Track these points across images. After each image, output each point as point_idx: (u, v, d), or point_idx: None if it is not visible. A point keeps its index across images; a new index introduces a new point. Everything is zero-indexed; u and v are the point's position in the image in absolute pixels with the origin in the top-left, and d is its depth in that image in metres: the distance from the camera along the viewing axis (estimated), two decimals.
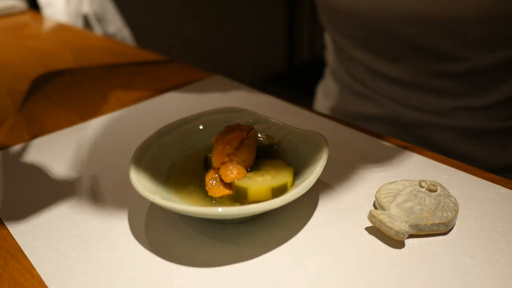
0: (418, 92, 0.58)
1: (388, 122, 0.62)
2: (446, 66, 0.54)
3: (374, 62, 0.59)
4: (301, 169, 0.33)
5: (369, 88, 0.62)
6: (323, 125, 0.45)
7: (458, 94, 0.56)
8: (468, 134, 0.57)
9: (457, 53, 0.53)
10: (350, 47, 0.61)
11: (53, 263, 0.29)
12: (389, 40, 0.56)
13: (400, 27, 0.53)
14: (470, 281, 0.27)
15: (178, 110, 0.50)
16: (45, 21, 0.99)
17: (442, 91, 0.56)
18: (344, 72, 0.66)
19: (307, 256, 0.29)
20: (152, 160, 0.34)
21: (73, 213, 0.34)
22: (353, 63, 0.63)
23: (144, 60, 0.69)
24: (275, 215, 0.32)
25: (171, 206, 0.28)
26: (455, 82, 0.55)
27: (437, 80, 0.56)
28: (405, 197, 0.32)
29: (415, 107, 0.58)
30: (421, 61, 0.55)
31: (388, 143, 0.41)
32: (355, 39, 0.60)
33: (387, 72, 0.58)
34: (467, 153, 0.58)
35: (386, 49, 0.57)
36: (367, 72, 0.61)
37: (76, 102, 0.55)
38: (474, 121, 0.57)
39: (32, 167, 0.40)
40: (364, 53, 0.60)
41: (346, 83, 0.66)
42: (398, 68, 0.57)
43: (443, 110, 0.57)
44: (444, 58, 0.54)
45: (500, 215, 0.32)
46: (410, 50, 0.55)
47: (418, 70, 0.56)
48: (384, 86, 0.60)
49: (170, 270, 0.28)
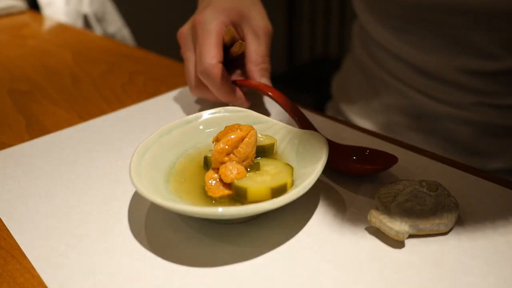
0: (443, 85, 0.56)
1: (411, 113, 0.61)
2: (478, 62, 0.53)
3: (405, 52, 0.58)
4: (301, 169, 0.33)
5: (395, 77, 0.61)
6: (323, 125, 0.45)
7: (485, 91, 0.54)
8: (488, 131, 0.56)
9: (492, 50, 0.51)
10: (383, 36, 0.60)
11: (53, 263, 0.29)
12: (426, 31, 0.55)
13: (438, 17, 0.52)
14: (470, 281, 0.27)
15: (178, 110, 0.50)
16: (45, 21, 0.99)
17: (469, 87, 0.55)
18: (370, 61, 0.65)
19: (307, 256, 0.29)
20: (152, 160, 0.34)
21: (73, 213, 0.34)
22: (382, 52, 0.62)
23: (144, 60, 0.69)
24: (275, 215, 0.32)
25: (171, 206, 0.28)
26: (484, 79, 0.54)
27: (466, 75, 0.54)
28: (405, 197, 0.32)
29: (437, 99, 0.58)
30: (454, 55, 0.54)
31: (388, 143, 0.41)
32: (390, 29, 0.59)
33: (418, 63, 0.57)
34: (486, 149, 0.57)
35: (422, 39, 0.56)
36: (396, 61, 0.60)
37: (76, 102, 0.55)
38: (495, 117, 0.55)
39: (32, 167, 0.40)
40: (397, 43, 0.59)
41: (371, 73, 0.65)
42: (430, 60, 0.56)
43: (464, 104, 0.56)
44: (478, 54, 0.52)
45: (500, 215, 0.32)
46: (445, 43, 0.54)
47: (449, 64, 0.55)
48: (410, 75, 0.59)
49: (170, 270, 0.28)
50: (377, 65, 0.64)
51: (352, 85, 0.70)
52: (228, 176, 0.31)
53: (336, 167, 0.37)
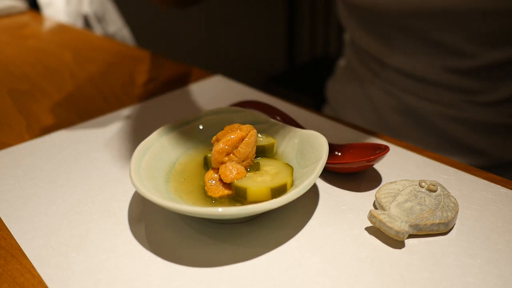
0: (427, 85, 0.58)
1: (402, 113, 0.62)
2: (455, 61, 0.55)
3: (387, 56, 0.60)
4: (301, 169, 0.33)
5: (383, 80, 0.63)
6: (323, 125, 0.45)
7: (467, 89, 0.56)
8: (477, 127, 0.57)
9: (465, 48, 0.53)
10: (366, 42, 0.63)
11: (53, 263, 0.29)
12: (403, 35, 0.56)
13: (412, 21, 0.54)
14: (470, 281, 0.27)
15: (178, 110, 0.50)
16: (45, 21, 0.99)
17: (451, 86, 0.57)
18: (360, 66, 0.67)
19: (307, 256, 0.29)
20: (152, 160, 0.34)
21: (73, 213, 0.34)
22: (368, 57, 0.64)
23: (144, 60, 0.69)
24: (275, 215, 0.32)
25: (171, 206, 0.28)
26: (463, 78, 0.55)
27: (446, 75, 0.56)
28: (405, 197, 0.32)
29: (425, 98, 0.59)
30: (431, 56, 0.56)
31: (388, 143, 0.41)
32: (372, 34, 0.61)
33: (402, 66, 0.59)
34: (478, 146, 0.58)
35: (400, 43, 0.58)
36: (380, 65, 0.62)
37: (76, 102, 0.55)
38: (483, 115, 0.57)
39: (32, 167, 0.40)
40: (379, 47, 0.61)
41: (361, 75, 0.67)
42: (413, 63, 0.58)
43: (451, 102, 0.57)
44: (453, 53, 0.54)
45: (500, 215, 0.32)
46: (421, 45, 0.56)
47: (431, 65, 0.56)
48: (397, 78, 0.61)
49: (170, 270, 0.28)
50: (366, 69, 0.66)
51: (345, 88, 0.72)
52: (228, 176, 0.31)
53: (330, 169, 0.37)
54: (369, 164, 0.35)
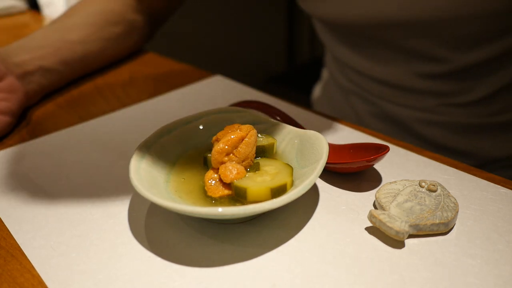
0: (403, 91, 0.59)
1: (383, 119, 0.64)
2: (428, 67, 0.56)
3: (362, 65, 0.62)
4: (301, 169, 0.33)
5: (361, 87, 0.65)
6: (323, 125, 0.45)
7: (441, 93, 0.57)
8: (455, 129, 0.59)
9: (437, 53, 0.54)
10: (340, 52, 0.65)
11: (53, 263, 0.29)
12: (373, 44, 0.58)
13: (379, 32, 0.55)
14: (470, 281, 0.27)
15: (178, 110, 0.50)
16: (45, 21, 0.99)
17: (425, 91, 0.58)
18: (338, 72, 0.69)
19: (307, 256, 0.29)
20: (152, 160, 0.34)
21: (73, 213, 0.34)
22: (346, 67, 0.66)
23: (144, 60, 0.69)
24: (275, 215, 0.32)
25: (171, 206, 0.28)
26: (437, 82, 0.57)
27: (421, 80, 0.57)
28: (405, 197, 0.32)
29: (403, 105, 0.61)
30: (404, 63, 0.57)
31: (388, 143, 0.41)
32: (345, 45, 0.63)
33: (376, 75, 0.61)
34: (460, 147, 0.59)
35: (372, 52, 0.59)
36: (357, 74, 0.64)
37: (76, 102, 0.55)
38: (459, 117, 0.58)
39: (31, 167, 0.40)
40: (353, 57, 0.63)
41: (341, 84, 0.69)
42: (387, 71, 0.59)
43: (427, 107, 0.59)
44: (425, 59, 0.55)
45: (500, 215, 0.32)
46: (392, 53, 0.57)
47: (405, 72, 0.58)
48: (373, 86, 0.63)
49: (170, 270, 0.28)
50: (345, 78, 0.68)
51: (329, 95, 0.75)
52: (228, 176, 0.31)
53: (330, 169, 0.37)
54: (369, 164, 0.35)
